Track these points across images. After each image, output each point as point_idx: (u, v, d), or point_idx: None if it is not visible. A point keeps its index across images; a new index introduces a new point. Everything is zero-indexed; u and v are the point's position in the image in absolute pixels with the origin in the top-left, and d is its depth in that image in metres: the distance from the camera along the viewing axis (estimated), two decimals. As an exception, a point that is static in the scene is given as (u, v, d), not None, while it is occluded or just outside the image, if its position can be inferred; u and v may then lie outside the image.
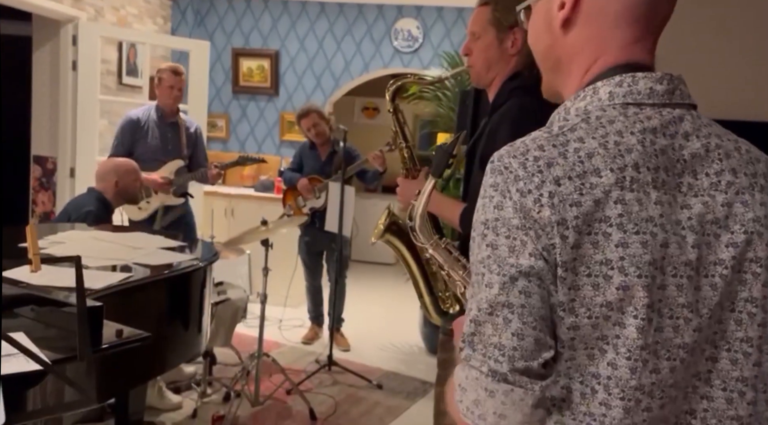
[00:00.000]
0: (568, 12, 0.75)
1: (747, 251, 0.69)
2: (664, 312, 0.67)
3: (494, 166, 0.70)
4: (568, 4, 0.75)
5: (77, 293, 0.98)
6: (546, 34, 0.79)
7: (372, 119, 6.99)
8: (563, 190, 0.66)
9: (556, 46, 0.78)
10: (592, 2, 0.74)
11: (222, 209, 4.83)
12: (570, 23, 0.76)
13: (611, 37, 0.74)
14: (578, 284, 0.66)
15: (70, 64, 4.17)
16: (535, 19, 0.82)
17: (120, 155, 3.26)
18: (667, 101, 0.71)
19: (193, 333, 2.00)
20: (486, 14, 1.48)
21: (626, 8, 0.73)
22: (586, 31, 0.75)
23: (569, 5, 0.75)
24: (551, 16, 0.77)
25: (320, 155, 3.90)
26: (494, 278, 0.67)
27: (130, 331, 1.26)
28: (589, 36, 0.75)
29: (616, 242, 0.66)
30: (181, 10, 5.31)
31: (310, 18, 5.27)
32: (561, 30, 0.77)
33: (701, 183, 0.70)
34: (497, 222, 0.68)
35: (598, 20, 0.74)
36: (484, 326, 0.66)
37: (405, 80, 1.64)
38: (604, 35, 0.74)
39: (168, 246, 2.21)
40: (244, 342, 3.67)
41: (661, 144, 0.69)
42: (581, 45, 0.76)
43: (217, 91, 5.47)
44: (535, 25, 0.81)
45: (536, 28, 0.81)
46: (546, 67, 0.82)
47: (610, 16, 0.74)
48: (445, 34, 5.06)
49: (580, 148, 0.68)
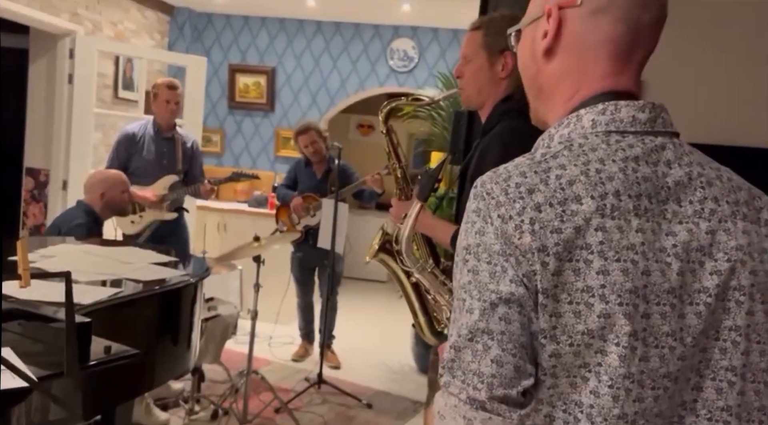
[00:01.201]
0: (550, 42, 0.76)
1: (731, 279, 0.70)
2: (649, 341, 0.67)
3: (477, 191, 0.71)
4: (549, 33, 0.76)
5: (66, 309, 0.97)
6: (531, 62, 0.80)
7: (367, 136, 7.03)
8: (544, 217, 0.66)
9: (539, 73, 0.79)
10: (572, 34, 0.75)
11: (215, 224, 4.82)
12: (552, 52, 0.77)
13: (592, 69, 0.75)
14: (560, 312, 0.66)
15: (66, 77, 4.18)
16: (522, 44, 0.82)
17: (114, 168, 3.26)
18: (650, 129, 0.72)
19: (182, 349, 1.98)
20: (477, 38, 1.51)
21: (606, 43, 0.74)
22: (568, 62, 0.76)
23: (550, 35, 0.76)
24: (536, 44, 0.78)
25: (315, 173, 3.91)
26: (475, 304, 0.66)
27: (118, 347, 1.25)
28: (570, 66, 0.76)
29: (597, 269, 0.66)
30: (179, 26, 5.35)
31: (307, 36, 5.32)
32: (544, 58, 0.78)
33: (685, 210, 0.70)
34: (479, 248, 0.68)
35: (578, 52, 0.75)
36: (464, 352, 0.66)
37: (398, 102, 1.66)
38: (585, 67, 0.75)
39: (159, 261, 2.20)
40: (233, 358, 3.64)
41: (643, 172, 0.70)
42: (563, 74, 0.76)
43: (213, 106, 5.50)
44: (523, 51, 0.82)
45: (523, 54, 0.82)
46: (531, 94, 0.83)
47: (591, 50, 0.74)
48: (440, 54, 5.12)
49: (561, 175, 0.68)
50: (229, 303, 3.21)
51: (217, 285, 3.30)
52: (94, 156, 4.32)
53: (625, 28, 0.73)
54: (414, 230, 1.01)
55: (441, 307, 1.02)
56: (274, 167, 5.43)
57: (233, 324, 3.10)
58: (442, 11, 4.62)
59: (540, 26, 0.77)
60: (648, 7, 0.73)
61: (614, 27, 0.73)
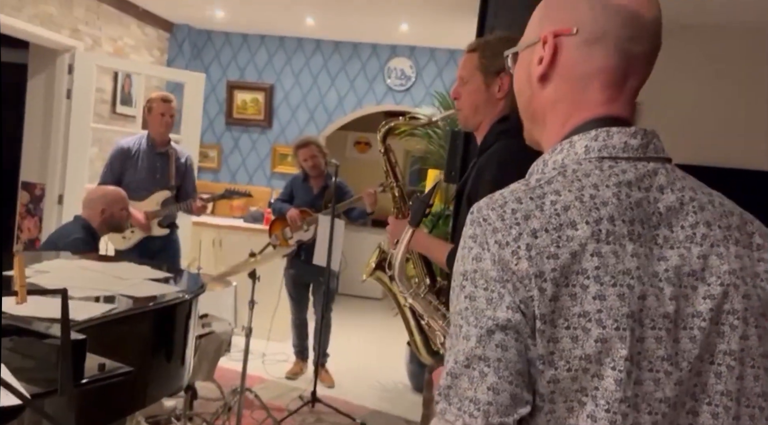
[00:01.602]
0: (545, 68, 0.77)
1: (724, 303, 0.70)
2: (643, 365, 0.67)
3: (473, 217, 0.71)
4: (545, 60, 0.77)
5: (62, 326, 0.97)
6: (526, 86, 0.81)
7: (364, 153, 7.06)
8: (540, 242, 0.66)
9: (534, 98, 0.80)
10: (567, 62, 0.76)
11: (210, 240, 4.81)
12: (547, 78, 0.78)
13: (586, 96, 0.76)
14: (557, 337, 0.66)
15: (65, 92, 4.20)
16: (518, 67, 0.83)
17: (108, 182, 3.26)
18: (642, 155, 0.73)
19: (176, 366, 1.97)
20: (474, 60, 1.53)
21: (600, 72, 0.75)
22: (562, 88, 0.77)
23: (546, 62, 0.77)
24: (531, 69, 0.79)
25: (312, 188, 3.92)
26: (472, 331, 0.66)
27: (112, 365, 1.24)
28: (564, 93, 0.77)
29: (594, 294, 0.66)
30: (178, 43, 5.39)
31: (306, 54, 5.37)
32: (539, 84, 0.79)
33: (677, 235, 0.71)
34: (476, 274, 0.68)
35: (573, 80, 0.76)
36: (460, 379, 0.66)
37: (396, 122, 1.68)
38: (578, 94, 0.76)
39: (155, 277, 2.20)
40: (226, 376, 3.60)
41: (636, 197, 0.71)
42: (557, 100, 0.77)
43: (211, 122, 5.52)
44: (518, 74, 0.83)
45: (519, 77, 0.83)
46: (526, 117, 0.84)
47: (585, 78, 0.75)
48: (437, 74, 5.17)
49: (556, 201, 0.69)
50: (224, 320, 3.19)
51: (211, 302, 3.28)
52: (90, 171, 4.32)
53: (619, 58, 0.74)
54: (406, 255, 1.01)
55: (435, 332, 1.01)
56: (271, 183, 5.44)
57: (227, 341, 3.08)
58: (439, 32, 4.68)
59: (536, 51, 0.78)
60: (640, 40, 0.74)
61: (608, 57, 0.74)
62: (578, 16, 0.75)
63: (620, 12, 0.73)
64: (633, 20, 0.73)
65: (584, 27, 0.75)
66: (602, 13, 0.74)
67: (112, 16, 4.59)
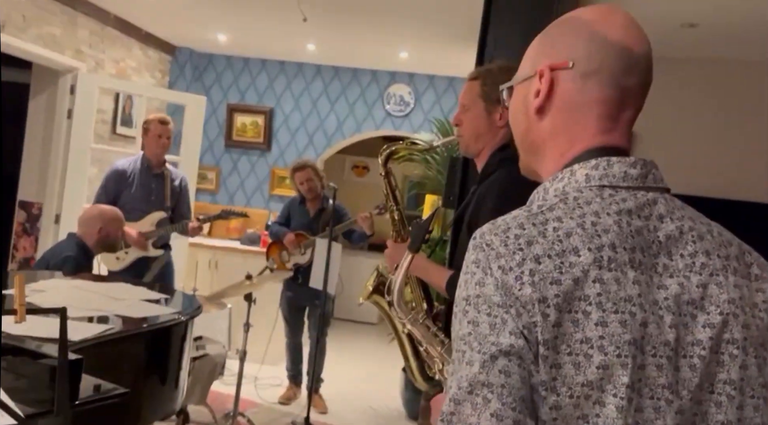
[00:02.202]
0: (542, 100, 0.79)
1: (723, 333, 0.70)
2: (644, 392, 0.67)
3: (476, 243, 0.71)
4: (542, 93, 0.79)
5: (60, 346, 0.96)
6: (523, 117, 0.83)
7: (362, 177, 7.09)
8: (543, 268, 0.67)
9: (531, 130, 0.82)
10: (563, 95, 0.78)
11: (206, 261, 4.79)
12: (544, 111, 0.79)
13: (583, 127, 0.77)
14: (559, 363, 0.66)
15: (66, 112, 4.22)
16: (514, 100, 0.85)
17: (103, 203, 3.25)
18: (641, 185, 0.74)
19: (170, 389, 1.95)
20: (476, 88, 1.55)
21: (596, 104, 0.77)
22: (559, 120, 0.79)
23: (542, 95, 0.79)
24: (528, 101, 0.81)
25: (309, 211, 3.93)
26: (475, 356, 0.66)
27: (107, 386, 1.23)
28: (562, 124, 0.79)
29: (596, 321, 0.66)
30: (180, 66, 5.45)
31: (306, 79, 5.43)
32: (536, 116, 0.80)
33: (676, 264, 0.72)
34: (478, 299, 0.68)
35: (569, 111, 0.78)
36: (463, 405, 0.66)
37: (397, 146, 1.69)
38: (576, 125, 0.78)
39: (150, 298, 2.18)
40: (218, 400, 3.56)
41: (636, 225, 0.72)
42: (555, 131, 0.79)
43: (210, 144, 5.55)
44: (514, 106, 0.85)
45: (514, 109, 0.85)
46: (523, 148, 0.86)
47: (582, 110, 0.77)
48: (436, 100, 5.23)
49: (558, 227, 0.70)
50: (218, 343, 3.17)
51: (205, 323, 3.25)
52: (88, 191, 4.32)
53: (613, 90, 0.76)
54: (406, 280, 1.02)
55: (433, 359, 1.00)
56: (269, 206, 5.44)
57: (221, 363, 3.05)
58: (438, 60, 4.75)
59: (532, 85, 0.80)
60: (633, 73, 0.77)
61: (603, 89, 0.76)
62: (574, 51, 0.77)
63: (614, 47, 0.76)
64: (626, 55, 0.76)
65: (580, 61, 0.77)
66: (597, 47, 0.76)
67: (116, 38, 4.65)
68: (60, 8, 4.06)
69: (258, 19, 4.27)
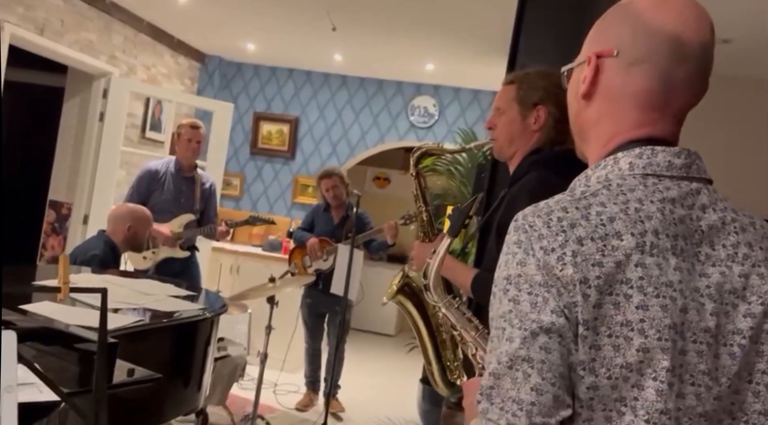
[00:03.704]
0: (587, 87, 0.80)
1: (764, 323, 0.71)
2: (685, 378, 0.68)
3: (518, 224, 0.72)
4: (587, 79, 0.80)
5: (100, 326, 0.99)
6: (574, 101, 0.84)
7: (383, 188, 7.11)
8: (586, 250, 0.68)
9: (579, 115, 0.83)
10: (608, 82, 0.78)
11: (228, 266, 4.84)
12: (589, 97, 0.80)
13: (626, 117, 0.77)
14: (599, 344, 0.67)
15: (98, 115, 4.32)
16: (570, 84, 0.86)
17: (134, 203, 3.31)
18: (685, 174, 0.74)
19: (194, 384, 1.96)
20: (511, 92, 1.56)
21: (640, 94, 0.77)
22: (603, 108, 0.79)
23: (587, 81, 0.80)
24: (578, 86, 0.82)
25: (333, 218, 3.95)
26: (515, 333, 0.67)
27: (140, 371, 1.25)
28: (605, 112, 0.79)
29: (637, 304, 0.67)
30: (209, 73, 5.56)
31: (332, 89, 5.50)
32: (583, 101, 0.81)
33: (718, 254, 0.72)
34: (520, 278, 0.69)
35: (613, 100, 0.78)
36: (503, 379, 0.67)
37: (430, 147, 1.71)
38: (619, 114, 0.78)
39: (178, 295, 2.21)
40: (236, 403, 3.56)
41: (679, 214, 0.72)
42: (599, 119, 0.80)
43: (236, 151, 5.62)
44: (569, 90, 0.86)
45: (569, 93, 0.86)
46: (574, 132, 0.87)
47: (625, 99, 0.77)
48: (460, 113, 5.25)
49: (602, 212, 0.70)
50: (239, 344, 3.18)
51: (226, 326, 3.27)
52: (116, 193, 4.41)
53: (659, 80, 0.76)
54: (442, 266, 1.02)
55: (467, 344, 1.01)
56: (291, 213, 5.49)
57: (242, 365, 3.07)
58: (465, 72, 4.77)
59: (583, 70, 0.81)
60: (683, 62, 0.75)
61: (647, 79, 0.76)
62: (620, 39, 0.78)
63: (663, 36, 0.75)
64: (676, 43, 0.75)
65: (625, 49, 0.77)
66: (644, 36, 0.76)
67: (148, 45, 4.76)
68: (97, 14, 4.18)
69: (287, 29, 4.34)
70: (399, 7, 3.57)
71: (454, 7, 3.42)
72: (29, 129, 5.19)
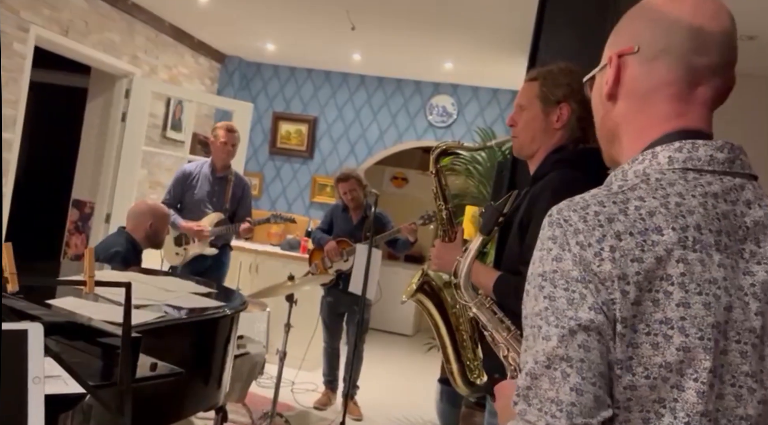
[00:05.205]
0: (611, 87, 0.79)
1: None
2: (725, 379, 0.65)
3: (553, 219, 0.71)
4: (610, 79, 0.79)
5: (124, 319, 1.00)
6: (599, 106, 0.83)
7: (400, 188, 7.10)
8: (624, 245, 0.66)
9: (606, 117, 0.82)
10: (630, 79, 0.78)
11: (247, 265, 4.87)
12: (615, 97, 0.80)
13: (654, 111, 0.76)
14: (637, 342, 0.65)
15: (120, 115, 4.39)
16: (594, 91, 0.85)
17: (168, 203, 3.50)
18: (728, 170, 0.72)
19: (214, 380, 1.98)
20: (534, 89, 1.54)
21: (664, 86, 0.75)
22: (630, 105, 0.78)
23: (611, 81, 0.79)
24: (602, 90, 0.81)
25: (352, 218, 3.95)
26: (552, 331, 0.65)
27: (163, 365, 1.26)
28: (632, 109, 0.78)
29: (677, 301, 0.65)
30: (229, 73, 5.60)
31: (350, 89, 5.51)
32: (609, 102, 0.80)
33: (764, 252, 0.70)
34: (555, 274, 0.67)
35: (639, 96, 0.77)
36: (541, 379, 0.65)
37: (450, 145, 1.70)
38: (647, 109, 0.77)
39: (199, 292, 2.23)
40: (255, 400, 3.58)
41: (722, 209, 0.70)
42: (627, 117, 0.79)
43: (255, 150, 5.66)
44: (594, 96, 0.86)
45: (594, 99, 0.86)
46: (601, 136, 0.85)
47: (651, 93, 0.76)
48: (479, 112, 5.23)
49: (640, 206, 0.68)
50: (258, 342, 3.20)
51: (245, 324, 3.30)
52: (137, 192, 4.46)
53: (682, 71, 0.75)
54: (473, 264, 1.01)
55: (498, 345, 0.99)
56: (309, 213, 5.51)
57: (261, 363, 3.08)
58: (484, 71, 4.75)
59: (605, 73, 0.81)
60: (705, 52, 0.74)
61: (670, 71, 0.75)
62: (639, 35, 0.77)
63: (682, 27, 0.74)
64: (696, 34, 0.74)
65: (645, 44, 0.76)
66: (663, 29, 0.75)
67: (169, 45, 4.82)
68: (120, 15, 4.24)
69: (306, 29, 4.36)
70: (417, 7, 3.56)
71: (473, 6, 3.40)
72: (53, 129, 5.29)
